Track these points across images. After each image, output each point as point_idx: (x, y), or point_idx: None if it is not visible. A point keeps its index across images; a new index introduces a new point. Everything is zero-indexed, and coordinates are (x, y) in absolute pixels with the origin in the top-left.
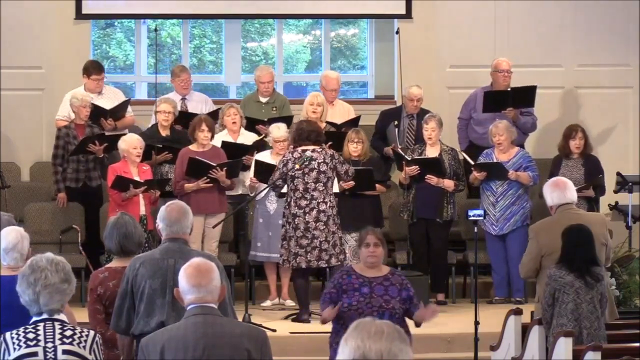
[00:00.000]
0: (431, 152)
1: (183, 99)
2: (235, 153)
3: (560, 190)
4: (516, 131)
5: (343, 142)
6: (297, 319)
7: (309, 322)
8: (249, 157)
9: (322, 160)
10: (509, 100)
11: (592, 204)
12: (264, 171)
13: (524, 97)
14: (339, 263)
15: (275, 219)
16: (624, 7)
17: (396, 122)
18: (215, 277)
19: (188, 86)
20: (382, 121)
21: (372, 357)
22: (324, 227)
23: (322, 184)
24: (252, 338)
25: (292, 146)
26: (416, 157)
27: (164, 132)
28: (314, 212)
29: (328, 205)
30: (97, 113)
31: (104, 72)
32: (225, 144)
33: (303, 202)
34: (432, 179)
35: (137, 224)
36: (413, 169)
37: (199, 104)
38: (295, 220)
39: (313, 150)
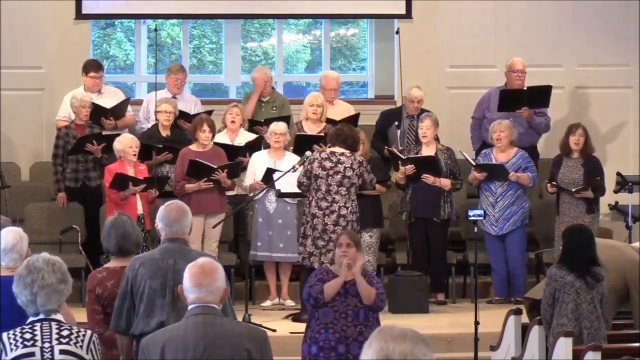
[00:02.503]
0: (427, 152)
1: (174, 98)
2: (227, 154)
3: None
4: (517, 132)
5: None
6: (297, 319)
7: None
8: (242, 159)
9: (349, 165)
10: (524, 99)
11: (591, 205)
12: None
13: (539, 96)
14: None
15: (275, 218)
16: (624, 7)
17: (397, 123)
18: (219, 278)
19: (181, 86)
20: (382, 121)
21: (396, 357)
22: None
23: (345, 189)
24: (252, 338)
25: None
26: (411, 156)
27: (164, 132)
28: (334, 215)
29: (349, 210)
30: (97, 112)
31: (102, 71)
32: (216, 145)
33: (324, 204)
34: (428, 178)
35: (135, 224)
36: (409, 168)
37: (189, 104)
38: (314, 220)
39: (342, 154)
